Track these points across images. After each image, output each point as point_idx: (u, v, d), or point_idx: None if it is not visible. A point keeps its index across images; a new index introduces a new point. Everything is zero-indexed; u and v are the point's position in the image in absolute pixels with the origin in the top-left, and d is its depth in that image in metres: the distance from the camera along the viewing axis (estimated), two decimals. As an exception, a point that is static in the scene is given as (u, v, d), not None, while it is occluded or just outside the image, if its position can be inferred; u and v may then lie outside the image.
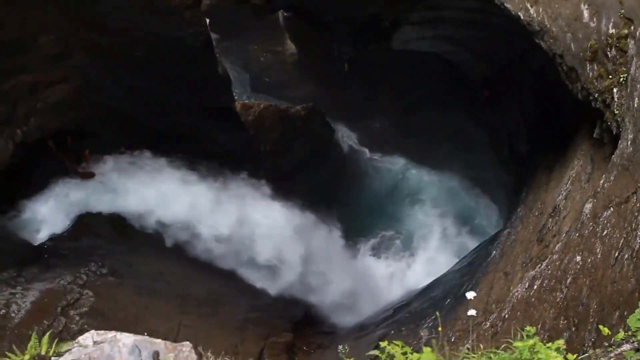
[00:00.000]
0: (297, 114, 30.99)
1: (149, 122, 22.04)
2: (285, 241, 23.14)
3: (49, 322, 14.95)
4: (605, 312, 7.95)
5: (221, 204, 21.58)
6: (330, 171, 32.47)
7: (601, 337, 6.97)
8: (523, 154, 22.16)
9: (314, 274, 23.19)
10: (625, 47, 10.33)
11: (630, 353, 5.02)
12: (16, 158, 17.24)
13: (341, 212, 30.90)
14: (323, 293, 23.40)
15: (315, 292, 23.18)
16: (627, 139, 9.65)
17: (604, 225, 9.05)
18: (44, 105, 17.72)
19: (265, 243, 22.35)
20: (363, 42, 24.98)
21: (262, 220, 22.70)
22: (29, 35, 16.50)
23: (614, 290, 7.97)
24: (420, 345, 15.39)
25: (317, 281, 23.21)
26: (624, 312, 7.51)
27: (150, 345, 5.21)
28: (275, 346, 19.52)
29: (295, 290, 22.63)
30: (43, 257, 17.20)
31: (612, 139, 11.21)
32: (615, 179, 9.42)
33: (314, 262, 23.46)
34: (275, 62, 37.88)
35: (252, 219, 22.32)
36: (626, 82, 10.21)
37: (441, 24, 22.06)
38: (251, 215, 22.42)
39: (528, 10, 12.72)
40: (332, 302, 23.47)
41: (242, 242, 21.73)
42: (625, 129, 9.87)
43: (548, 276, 10.51)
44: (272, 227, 22.91)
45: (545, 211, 15.20)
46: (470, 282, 18.18)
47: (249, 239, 21.97)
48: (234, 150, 25.03)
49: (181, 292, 19.25)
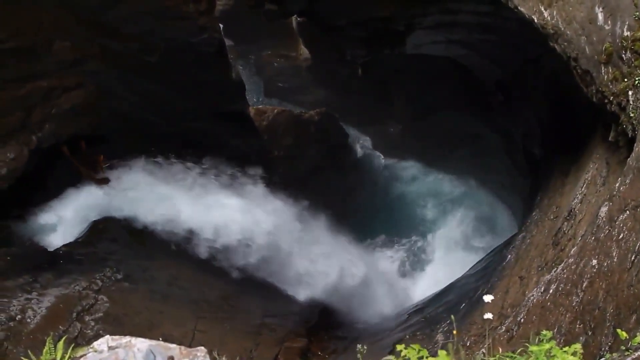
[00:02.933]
0: (310, 119, 31.03)
1: (163, 127, 22.12)
2: (301, 246, 23.17)
3: (64, 327, 14.98)
4: (622, 316, 7.88)
5: (235, 209, 21.58)
6: (345, 176, 32.47)
7: (618, 341, 6.91)
8: (537, 158, 22.07)
9: (325, 277, 23.16)
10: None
11: (648, 357, 4.98)
12: (31, 164, 17.32)
13: (356, 217, 30.91)
14: (338, 297, 23.38)
15: (330, 297, 23.16)
16: (642, 142, 9.60)
17: (620, 229, 8.98)
18: (59, 111, 17.79)
19: (279, 247, 22.39)
20: (376, 47, 24.95)
21: (275, 223, 22.71)
22: (44, 41, 16.59)
23: (631, 293, 7.90)
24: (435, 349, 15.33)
25: (331, 285, 23.17)
26: (641, 316, 7.46)
27: (165, 350, 5.21)
28: (290, 351, 19.49)
29: (310, 294, 22.63)
30: (58, 262, 17.24)
31: (627, 142, 11.14)
32: (631, 182, 9.35)
33: (329, 267, 23.44)
34: (288, 67, 38.00)
35: (265, 224, 22.32)
36: (641, 84, 10.16)
37: (455, 28, 22.02)
38: (264, 220, 22.42)
39: (542, 13, 12.67)
40: (347, 307, 23.45)
41: (257, 248, 21.74)
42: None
43: (564, 280, 10.44)
44: (285, 232, 22.94)
45: (560, 215, 15.13)
46: (485, 286, 18.11)
47: (264, 244, 21.99)
48: (248, 156, 25.07)
49: (196, 297, 19.28)
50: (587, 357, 5.29)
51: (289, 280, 22.64)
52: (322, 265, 23.35)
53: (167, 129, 22.30)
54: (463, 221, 32.79)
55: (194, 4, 18.70)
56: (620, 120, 11.02)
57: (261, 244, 21.83)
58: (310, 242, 23.68)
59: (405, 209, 34.45)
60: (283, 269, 22.59)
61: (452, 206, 33.85)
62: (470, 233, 32.12)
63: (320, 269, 23.19)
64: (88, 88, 18.55)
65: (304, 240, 23.55)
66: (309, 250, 23.44)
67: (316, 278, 22.92)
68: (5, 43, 15.34)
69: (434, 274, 29.28)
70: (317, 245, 23.88)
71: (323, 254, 23.80)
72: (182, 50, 19.89)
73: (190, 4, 18.59)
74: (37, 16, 16.01)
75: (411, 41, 23.91)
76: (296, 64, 37.27)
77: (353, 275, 24.02)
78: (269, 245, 22.06)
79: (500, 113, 26.63)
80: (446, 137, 32.24)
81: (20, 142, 16.85)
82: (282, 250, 22.54)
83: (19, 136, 16.81)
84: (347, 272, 23.85)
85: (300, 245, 23.23)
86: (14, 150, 16.59)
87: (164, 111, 21.83)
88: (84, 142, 19.92)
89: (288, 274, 22.69)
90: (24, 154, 16.82)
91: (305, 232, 23.86)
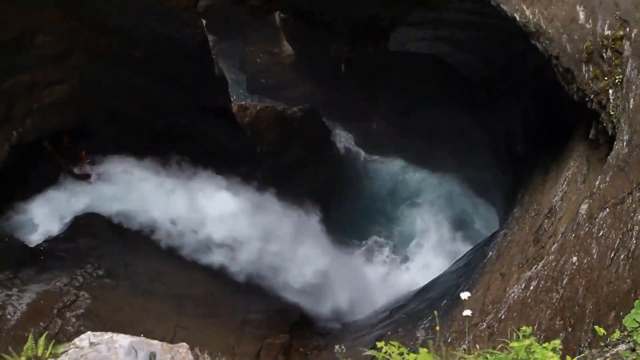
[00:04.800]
0: (293, 115, 31.01)
1: (147, 122, 22.04)
2: (282, 243, 23.17)
3: (46, 323, 14.92)
4: (601, 313, 7.96)
5: (217, 204, 21.54)
6: (327, 172, 32.45)
7: (597, 338, 6.99)
8: (520, 155, 22.16)
9: (309, 275, 23.17)
10: (621, 49, 10.35)
11: (627, 353, 5.03)
12: (12, 159, 17.20)
13: (338, 214, 30.90)
14: (319, 295, 23.40)
15: (311, 294, 23.17)
16: (622, 140, 9.66)
17: (600, 226, 9.06)
18: (41, 105, 17.69)
19: (262, 244, 22.38)
20: (361, 43, 24.96)
21: (258, 220, 22.72)
22: (28, 34, 16.47)
23: (610, 290, 7.98)
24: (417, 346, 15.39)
25: (313, 283, 23.19)
26: (620, 312, 7.51)
27: (146, 346, 5.21)
28: (272, 347, 19.51)
29: (292, 291, 22.64)
30: (39, 258, 17.17)
31: (607, 140, 11.22)
32: (611, 179, 9.43)
33: (310, 263, 23.45)
34: (272, 63, 37.90)
35: (248, 220, 22.31)
36: (622, 83, 10.22)
37: (439, 25, 22.05)
38: (248, 216, 22.41)
39: (524, 11, 12.72)
40: (327, 304, 23.47)
41: (239, 244, 21.73)
42: (620, 130, 9.88)
43: (544, 277, 10.53)
44: (267, 228, 22.94)
45: (541, 212, 15.22)
46: (466, 283, 18.19)
47: (246, 240, 21.97)
48: (233, 151, 25.05)
49: (178, 293, 19.24)
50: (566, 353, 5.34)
51: (272, 278, 22.61)
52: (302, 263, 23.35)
53: (152, 124, 22.22)
54: (445, 218, 32.89)
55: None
56: (600, 119, 11.10)
57: (246, 241, 21.84)
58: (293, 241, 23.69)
59: (387, 205, 34.47)
60: (266, 267, 22.56)
61: (434, 203, 33.92)
62: (452, 230, 32.22)
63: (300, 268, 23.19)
64: (72, 82, 18.44)
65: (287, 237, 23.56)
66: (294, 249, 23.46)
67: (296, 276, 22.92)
68: (-14, 36, 15.24)
69: (416, 271, 29.35)
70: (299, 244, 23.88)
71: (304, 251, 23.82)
72: (166, 45, 19.83)
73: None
74: (19, 9, 15.87)
75: (395, 38, 23.94)
76: (280, 60, 37.20)
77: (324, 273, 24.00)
78: (252, 242, 22.08)
79: (484, 109, 26.69)
80: (430, 133, 32.29)
81: (1, 137, 16.72)
82: (266, 248, 22.53)
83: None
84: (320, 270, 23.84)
85: (283, 244, 23.24)
86: (-6, 145, 16.49)
87: (149, 105, 21.76)
88: (67, 136, 19.81)
89: (271, 272, 22.66)
90: (4, 149, 16.72)
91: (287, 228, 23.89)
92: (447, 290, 19.90)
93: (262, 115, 29.33)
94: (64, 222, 18.95)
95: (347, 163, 35.13)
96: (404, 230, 33.16)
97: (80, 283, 16.71)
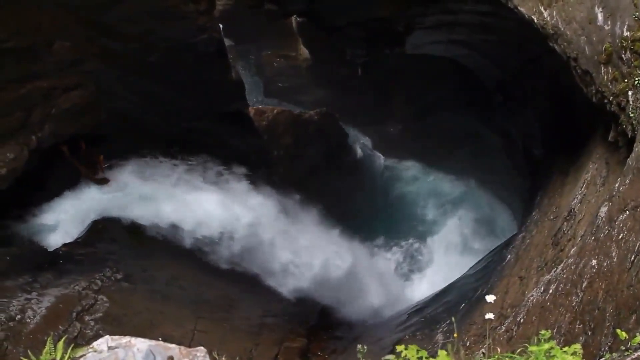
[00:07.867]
0: (310, 119, 31.05)
1: (163, 127, 22.12)
2: (301, 245, 23.16)
3: (64, 327, 14.97)
4: (622, 316, 7.88)
5: (235, 209, 21.57)
6: (345, 176, 32.47)
7: (618, 341, 6.91)
8: (537, 158, 22.07)
9: (328, 278, 23.15)
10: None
11: (648, 357, 4.99)
12: (31, 164, 17.30)
13: (356, 218, 30.90)
14: (338, 299, 23.38)
15: (330, 298, 23.16)
16: (642, 142, 9.60)
17: (620, 229, 8.98)
18: (59, 111, 17.75)
19: (281, 247, 22.40)
20: (376, 47, 24.98)
21: (276, 224, 22.72)
22: (44, 41, 16.56)
23: (630, 294, 7.90)
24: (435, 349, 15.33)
25: (332, 287, 23.17)
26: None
27: (164, 350, 5.22)
28: (290, 351, 19.50)
29: (310, 294, 22.63)
30: (58, 262, 17.24)
31: (627, 142, 11.14)
32: (630, 182, 9.35)
33: (329, 266, 23.43)
34: (288, 67, 38.00)
35: (265, 223, 22.31)
36: (641, 84, 10.16)
37: (455, 28, 22.02)
38: (264, 220, 22.42)
39: (542, 13, 12.67)
40: (347, 308, 23.44)
41: (257, 247, 21.75)
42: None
43: (563, 280, 10.45)
44: (286, 231, 22.95)
45: (560, 215, 15.13)
46: (485, 287, 18.12)
47: (264, 243, 22.00)
48: (248, 155, 25.07)
49: (195, 297, 19.28)
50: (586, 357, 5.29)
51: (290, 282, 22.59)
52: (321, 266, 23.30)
53: (168, 129, 22.30)
54: (463, 222, 32.79)
55: (193, 4, 18.67)
56: (619, 121, 11.02)
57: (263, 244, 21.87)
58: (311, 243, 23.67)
59: (405, 210, 34.44)
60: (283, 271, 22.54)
61: (452, 207, 33.86)
62: (469, 233, 32.13)
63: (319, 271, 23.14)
64: (88, 88, 18.52)
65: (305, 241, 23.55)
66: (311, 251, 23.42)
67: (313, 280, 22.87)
68: (5, 43, 15.30)
69: (433, 275, 29.29)
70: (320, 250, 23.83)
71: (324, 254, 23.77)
72: (181, 50, 19.88)
73: (190, 3, 18.56)
74: (36, 16, 15.97)
75: (411, 41, 23.93)
76: (296, 64, 37.27)
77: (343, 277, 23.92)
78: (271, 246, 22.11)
79: (500, 113, 26.64)
80: (446, 137, 32.26)
81: (20, 142, 16.81)
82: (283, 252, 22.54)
83: (18, 136, 16.77)
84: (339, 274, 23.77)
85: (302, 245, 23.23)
86: (13, 150, 16.55)
87: (164, 111, 21.83)
88: (84, 142, 19.91)
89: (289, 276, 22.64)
90: (23, 154, 16.78)
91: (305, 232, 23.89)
92: (465, 293, 19.83)
93: (279, 119, 29.39)
94: (82, 227, 19.04)
95: (365, 166, 35.15)
96: (421, 234, 33.11)
97: (98, 287, 16.77)
